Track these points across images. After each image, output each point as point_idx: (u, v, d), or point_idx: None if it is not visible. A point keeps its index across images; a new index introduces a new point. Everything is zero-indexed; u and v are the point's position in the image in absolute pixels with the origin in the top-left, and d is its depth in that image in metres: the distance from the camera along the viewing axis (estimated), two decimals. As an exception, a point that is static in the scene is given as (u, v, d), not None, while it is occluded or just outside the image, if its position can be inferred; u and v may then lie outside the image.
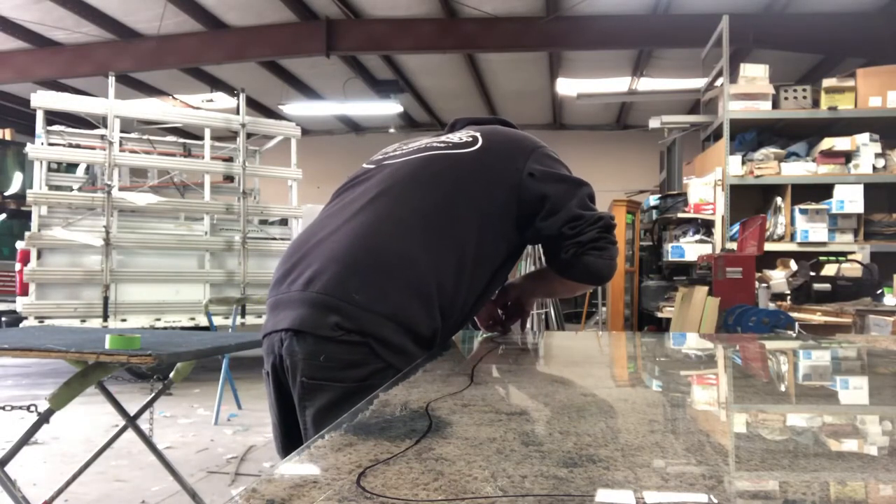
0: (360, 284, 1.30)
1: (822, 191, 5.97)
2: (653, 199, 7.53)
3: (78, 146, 7.00)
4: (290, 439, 1.44)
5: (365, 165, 1.61)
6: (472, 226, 1.43)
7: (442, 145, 1.54)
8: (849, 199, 5.80)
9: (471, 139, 1.55)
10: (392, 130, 13.33)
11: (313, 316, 1.29)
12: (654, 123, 7.60)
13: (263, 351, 1.43)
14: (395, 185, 1.46)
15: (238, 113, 7.18)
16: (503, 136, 1.60)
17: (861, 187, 5.80)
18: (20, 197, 8.53)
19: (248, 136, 7.22)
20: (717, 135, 6.44)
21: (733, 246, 5.24)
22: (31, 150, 6.47)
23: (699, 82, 7.67)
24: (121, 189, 6.73)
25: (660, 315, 6.24)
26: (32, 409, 2.53)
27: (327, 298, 1.29)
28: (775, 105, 6.10)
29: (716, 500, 0.54)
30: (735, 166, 6.01)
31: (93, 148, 6.88)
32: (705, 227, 6.22)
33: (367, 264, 1.33)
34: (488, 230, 1.45)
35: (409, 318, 1.31)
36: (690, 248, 6.13)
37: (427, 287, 1.34)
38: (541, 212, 1.47)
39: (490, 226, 1.45)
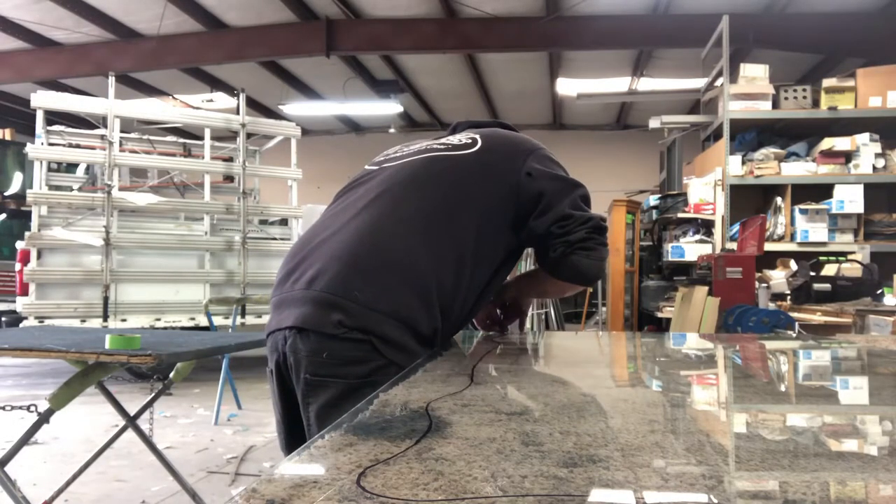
0: (362, 283, 1.33)
1: (822, 191, 5.96)
2: (653, 199, 7.53)
3: (78, 146, 7.00)
4: (293, 437, 1.46)
5: (367, 167, 1.63)
6: (470, 225, 1.44)
7: (442, 147, 1.57)
8: (849, 199, 5.79)
9: (470, 141, 1.57)
10: (392, 130, 13.33)
11: (316, 314, 1.32)
12: (654, 123, 7.60)
13: (267, 349, 1.45)
14: (395, 185, 1.48)
15: (238, 113, 7.18)
16: (502, 137, 1.63)
17: (861, 187, 5.79)
18: (20, 197, 8.53)
19: (248, 136, 7.22)
20: (717, 135, 6.44)
21: (733, 246, 5.24)
22: (31, 150, 6.47)
23: (699, 82, 7.67)
24: (121, 189, 6.73)
25: (660, 315, 6.23)
26: (32, 409, 2.53)
27: (330, 297, 1.32)
28: (775, 105, 6.10)
29: (716, 500, 0.54)
30: (735, 166, 6.01)
31: (93, 148, 6.89)
32: (705, 227, 6.22)
33: (368, 263, 1.36)
34: (487, 229, 1.47)
35: (410, 316, 1.34)
36: (690, 248, 6.13)
37: (427, 285, 1.36)
38: (534, 211, 1.49)
39: (488, 225, 1.47)
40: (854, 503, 0.58)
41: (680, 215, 6.42)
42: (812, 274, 4.87)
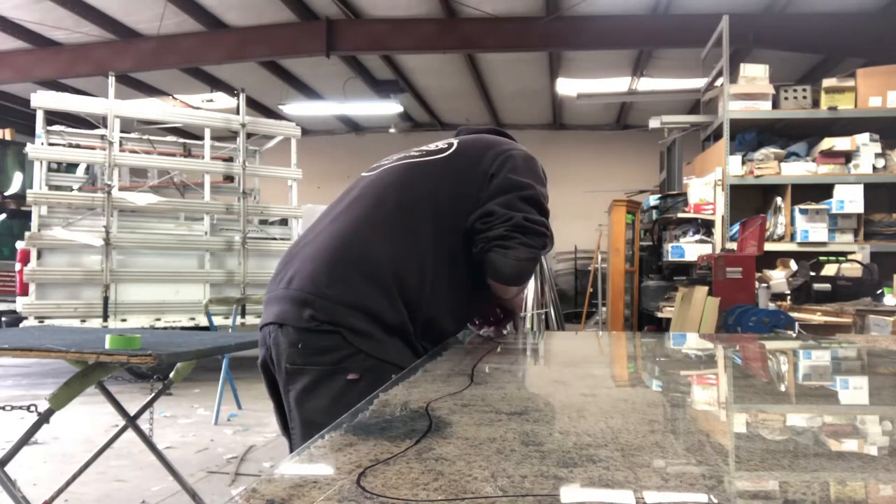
0: (330, 280, 1.46)
1: (822, 191, 5.96)
2: (653, 199, 7.53)
3: (78, 146, 7.00)
4: (285, 424, 1.57)
5: (362, 174, 1.74)
6: (429, 225, 1.53)
7: (418, 154, 1.68)
8: (849, 199, 5.79)
9: (446, 146, 1.67)
10: (392, 130, 13.32)
11: (292, 310, 1.47)
12: (654, 123, 7.59)
13: (259, 343, 1.59)
14: (369, 192, 1.61)
15: (238, 113, 7.18)
16: (479, 141, 1.70)
17: (861, 187, 5.79)
18: (20, 197, 8.53)
19: (248, 136, 7.22)
20: (717, 135, 6.44)
21: (733, 246, 5.24)
22: (31, 150, 6.47)
23: (699, 82, 7.67)
24: (121, 189, 6.73)
25: (660, 315, 6.23)
26: (32, 409, 2.53)
27: (303, 294, 1.47)
28: (775, 105, 6.10)
29: (716, 500, 0.54)
30: (735, 166, 6.00)
31: (93, 148, 6.88)
32: (705, 227, 6.22)
33: (336, 262, 1.49)
34: (447, 229, 1.54)
35: (374, 308, 1.45)
36: (690, 248, 6.13)
37: (386, 280, 1.47)
38: None
39: (449, 225, 1.54)
40: (854, 503, 0.58)
41: (680, 215, 6.42)
42: (812, 274, 4.87)
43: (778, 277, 4.81)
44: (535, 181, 1.60)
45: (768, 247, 5.52)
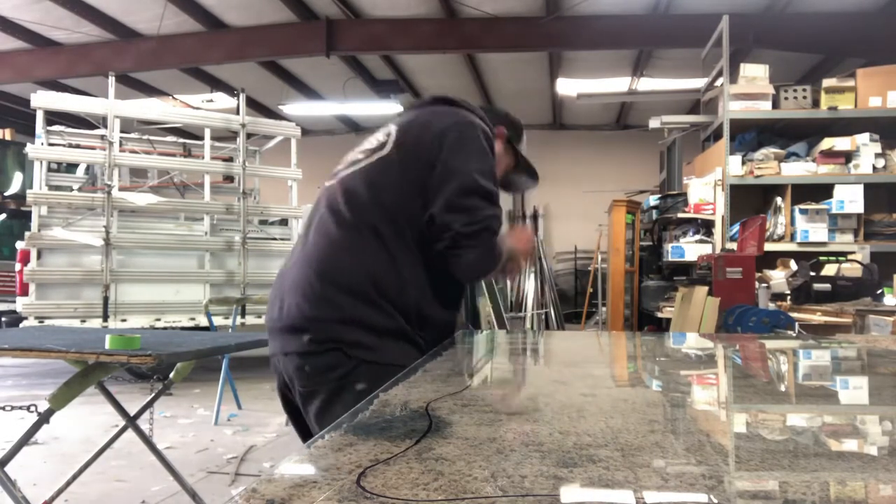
0: (316, 303, 1.53)
1: (822, 191, 5.96)
2: (653, 199, 7.53)
3: (78, 146, 7.00)
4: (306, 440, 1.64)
5: (325, 183, 1.75)
6: (385, 226, 1.56)
7: (362, 157, 1.68)
8: (849, 199, 5.79)
9: (384, 138, 1.67)
10: (392, 130, 13.31)
11: (291, 339, 1.55)
12: (654, 123, 7.59)
13: (272, 369, 1.69)
14: (329, 210, 1.64)
15: (238, 113, 7.17)
16: (416, 126, 1.67)
17: (861, 187, 5.79)
18: (20, 197, 8.53)
19: (248, 136, 7.22)
20: (717, 135, 6.44)
21: (733, 246, 5.24)
22: (31, 150, 6.47)
23: (699, 82, 7.67)
24: (121, 189, 6.73)
25: (660, 315, 6.23)
26: (32, 409, 2.53)
27: (296, 322, 1.54)
28: (775, 105, 6.10)
29: (716, 500, 0.54)
30: (735, 166, 6.00)
31: (93, 148, 6.88)
32: (705, 227, 6.22)
33: (315, 286, 1.55)
34: (402, 224, 1.56)
35: (362, 318, 1.51)
36: (690, 248, 6.12)
37: (365, 288, 1.53)
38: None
39: (402, 220, 1.56)
40: (854, 503, 0.58)
41: (680, 215, 6.42)
42: (812, 274, 4.87)
43: (778, 277, 4.81)
44: (475, 159, 1.58)
45: (768, 247, 5.51)
